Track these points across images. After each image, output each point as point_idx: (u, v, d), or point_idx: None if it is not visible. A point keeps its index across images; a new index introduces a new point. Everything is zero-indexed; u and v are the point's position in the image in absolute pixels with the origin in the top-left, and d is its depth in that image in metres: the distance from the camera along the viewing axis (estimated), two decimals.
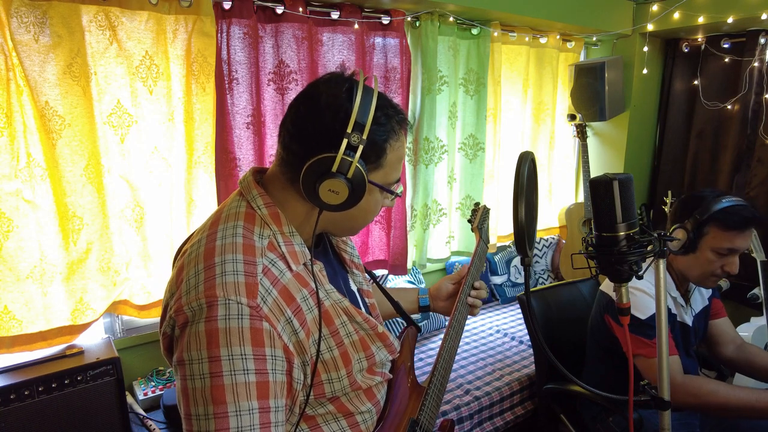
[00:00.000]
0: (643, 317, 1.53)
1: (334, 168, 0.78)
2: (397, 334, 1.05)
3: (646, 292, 1.55)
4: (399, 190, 0.92)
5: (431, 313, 2.72)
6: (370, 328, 0.89)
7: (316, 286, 0.83)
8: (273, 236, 0.82)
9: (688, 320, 1.68)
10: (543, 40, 3.01)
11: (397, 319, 2.52)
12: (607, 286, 1.72)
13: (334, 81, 0.83)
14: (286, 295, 0.78)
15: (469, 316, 1.23)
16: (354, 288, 1.01)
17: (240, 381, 0.70)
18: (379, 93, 0.82)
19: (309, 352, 0.79)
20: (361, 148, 0.78)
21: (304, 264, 0.84)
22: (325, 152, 0.78)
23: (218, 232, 0.81)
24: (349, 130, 0.77)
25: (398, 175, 0.90)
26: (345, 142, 0.77)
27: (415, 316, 2.42)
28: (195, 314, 0.73)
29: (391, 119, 0.84)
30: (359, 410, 0.89)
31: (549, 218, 3.40)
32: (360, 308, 0.94)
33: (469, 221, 1.47)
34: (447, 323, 1.18)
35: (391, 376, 0.98)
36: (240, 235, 0.80)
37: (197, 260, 0.78)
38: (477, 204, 1.50)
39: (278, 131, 0.86)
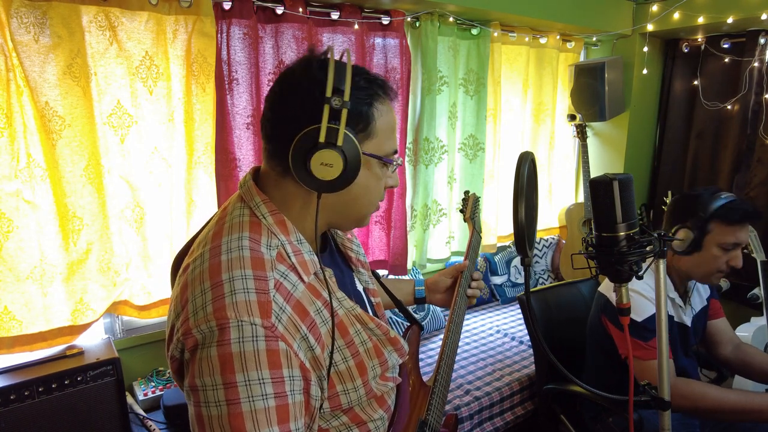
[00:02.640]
0: (639, 319, 1.54)
1: (322, 138, 0.73)
2: (401, 334, 1.04)
3: (643, 295, 1.56)
4: (399, 160, 0.87)
5: (432, 313, 2.75)
6: (382, 334, 0.86)
7: (330, 298, 0.80)
8: (281, 246, 0.78)
9: (687, 321, 1.68)
10: (543, 41, 3.01)
11: (397, 318, 2.53)
12: (605, 287, 1.72)
13: (305, 60, 0.81)
14: (300, 310, 0.75)
15: (468, 314, 1.24)
16: (360, 288, 0.99)
17: (259, 407, 0.67)
18: (356, 64, 0.81)
19: (325, 367, 0.77)
20: (345, 111, 0.74)
21: (315, 273, 0.80)
22: (309, 126, 0.75)
23: (222, 245, 0.76)
24: (328, 95, 0.74)
25: (394, 145, 0.86)
26: (327, 108, 0.74)
27: (415, 313, 2.41)
28: (205, 337, 0.68)
29: (372, 83, 0.80)
30: (372, 418, 0.87)
31: (549, 218, 3.40)
32: (367, 310, 0.93)
33: (461, 211, 1.46)
34: (447, 320, 1.18)
35: (401, 380, 0.96)
36: (247, 247, 0.75)
37: (202, 277, 0.73)
38: (467, 193, 1.49)
39: (260, 126, 0.84)
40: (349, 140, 0.76)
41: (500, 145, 2.97)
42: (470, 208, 1.44)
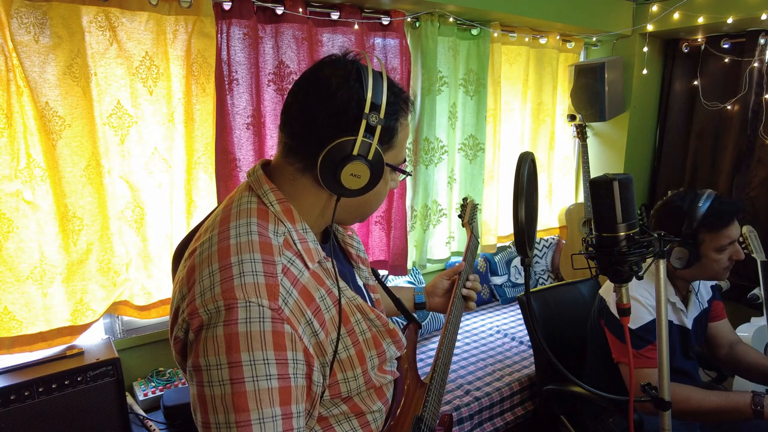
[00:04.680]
0: (633, 327, 1.54)
1: (355, 151, 0.77)
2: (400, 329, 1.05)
3: (640, 302, 1.56)
4: (409, 168, 0.92)
5: (431, 313, 2.75)
6: (381, 325, 0.88)
7: (338, 287, 0.82)
8: (288, 234, 0.80)
9: (688, 323, 1.68)
10: (543, 41, 3.01)
11: (397, 318, 2.53)
12: (605, 290, 1.72)
13: (340, 64, 0.82)
14: (306, 295, 0.76)
15: (468, 314, 1.25)
16: (360, 283, 1.00)
17: (263, 387, 0.68)
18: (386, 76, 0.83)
19: (328, 354, 0.78)
20: (379, 128, 0.78)
21: (319, 262, 0.82)
22: (342, 136, 0.77)
23: (231, 229, 0.77)
24: (367, 111, 0.77)
25: (405, 154, 0.91)
26: (364, 123, 0.77)
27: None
28: (212, 317, 0.69)
29: (398, 98, 0.84)
30: (371, 409, 0.88)
31: (549, 218, 3.40)
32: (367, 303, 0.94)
33: (460, 216, 1.48)
34: (444, 319, 1.19)
35: (399, 374, 0.97)
36: (255, 232, 0.77)
37: (211, 260, 0.74)
38: (465, 199, 1.52)
39: (281, 119, 0.84)
40: (377, 153, 0.79)
41: (500, 146, 2.97)
42: (468, 213, 1.46)
